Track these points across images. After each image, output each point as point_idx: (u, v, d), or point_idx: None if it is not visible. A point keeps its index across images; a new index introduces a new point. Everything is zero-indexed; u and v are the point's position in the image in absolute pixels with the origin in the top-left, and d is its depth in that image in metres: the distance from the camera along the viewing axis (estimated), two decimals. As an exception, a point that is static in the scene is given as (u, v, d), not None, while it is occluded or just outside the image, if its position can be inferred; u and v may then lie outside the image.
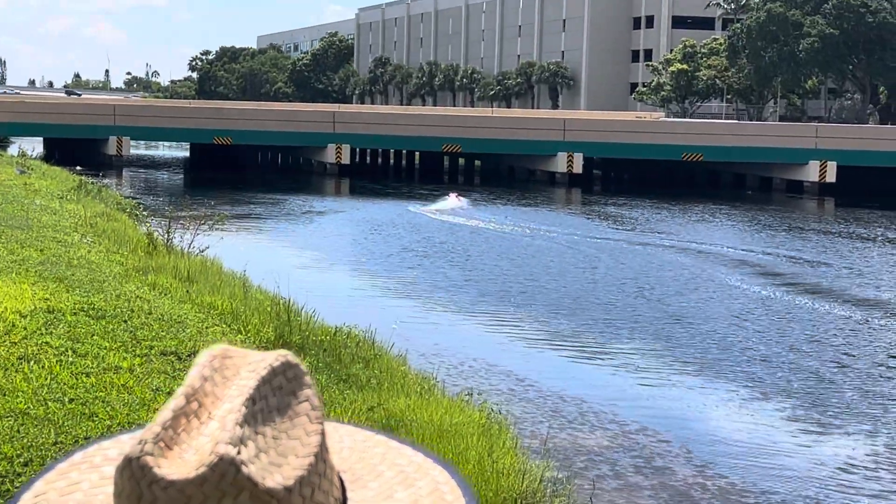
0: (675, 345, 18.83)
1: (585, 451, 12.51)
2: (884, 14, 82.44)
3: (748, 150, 61.18)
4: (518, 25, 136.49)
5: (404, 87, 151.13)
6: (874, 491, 11.62)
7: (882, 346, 19.48)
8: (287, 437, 1.06)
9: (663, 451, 12.65)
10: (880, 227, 42.60)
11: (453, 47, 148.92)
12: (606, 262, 29.85)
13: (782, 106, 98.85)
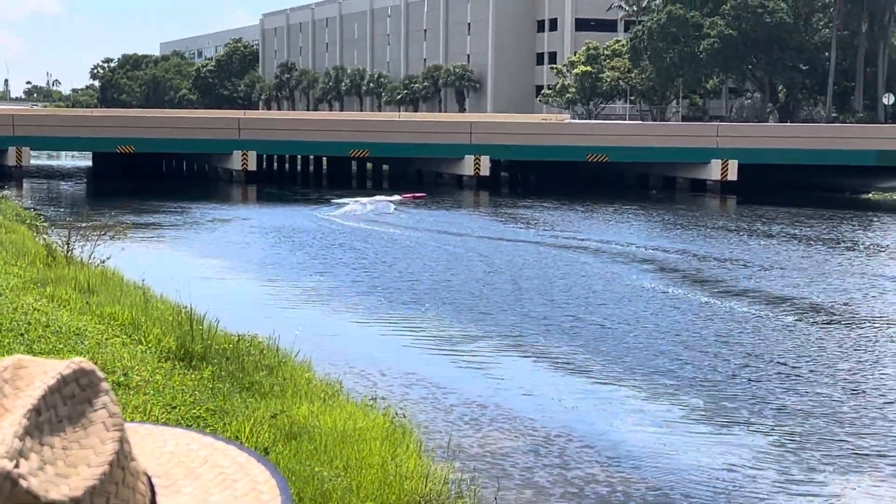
0: (581, 344, 19.01)
1: (490, 452, 12.57)
2: (781, 14, 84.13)
3: (652, 150, 62.01)
4: (423, 29, 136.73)
5: (311, 93, 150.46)
6: (776, 486, 11.84)
7: (784, 342, 19.86)
8: (79, 447, 1.03)
9: (568, 451, 12.76)
10: (781, 223, 43.46)
11: (359, 52, 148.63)
12: (514, 264, 30.03)
13: (684, 106, 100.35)
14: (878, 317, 22.37)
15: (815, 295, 24.98)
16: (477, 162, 61.99)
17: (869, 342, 19.75)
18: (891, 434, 13.81)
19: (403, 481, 9.50)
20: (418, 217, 44.61)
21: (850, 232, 40.33)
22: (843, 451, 13.00)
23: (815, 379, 16.77)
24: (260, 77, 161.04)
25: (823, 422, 14.27)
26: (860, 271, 29.45)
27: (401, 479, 9.51)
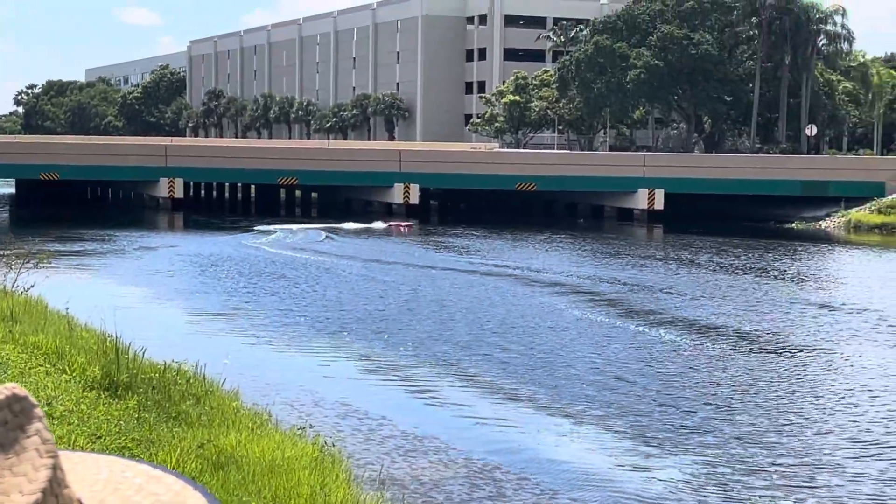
0: (511, 372, 19.01)
1: (421, 481, 12.49)
2: (706, 46, 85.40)
3: (580, 179, 62.51)
4: (353, 58, 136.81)
5: (239, 120, 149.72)
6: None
7: (711, 370, 20.03)
8: (11, 474, 1.02)
9: (500, 479, 12.72)
10: (707, 252, 43.96)
11: (288, 79, 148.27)
12: (444, 292, 30.02)
13: (612, 136, 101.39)
14: (803, 345, 22.66)
15: (741, 323, 25.25)
16: (406, 190, 62.05)
17: (794, 369, 19.99)
18: (813, 461, 13.95)
19: (333, 511, 9.40)
20: (347, 245, 44.48)
21: (774, 261, 40.89)
22: (769, 479, 13.11)
23: (742, 406, 16.92)
24: (187, 104, 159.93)
25: (750, 448, 14.38)
26: (786, 300, 29.84)
27: (330, 510, 9.41)
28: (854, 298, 30.06)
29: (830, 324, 25.45)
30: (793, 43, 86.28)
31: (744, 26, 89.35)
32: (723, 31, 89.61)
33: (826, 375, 19.54)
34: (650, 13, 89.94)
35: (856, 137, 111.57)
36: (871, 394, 17.93)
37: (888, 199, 58.69)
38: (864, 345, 22.59)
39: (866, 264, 42.14)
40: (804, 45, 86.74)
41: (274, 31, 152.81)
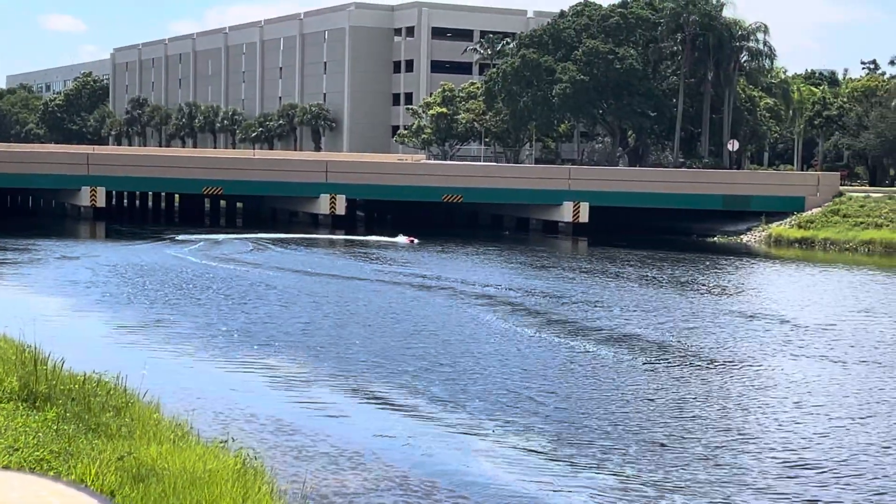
0: (436, 384, 18.99)
1: (346, 493, 12.42)
2: (630, 61, 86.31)
3: (506, 191, 62.78)
4: (279, 67, 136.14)
5: (163, 129, 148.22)
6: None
7: (633, 381, 20.18)
8: None
9: (423, 490, 12.69)
10: (631, 265, 44.36)
11: (213, 88, 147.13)
12: (369, 304, 29.93)
13: (538, 149, 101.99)
14: (725, 356, 22.93)
15: (663, 335, 25.49)
16: (333, 201, 61.84)
17: (715, 380, 20.22)
18: (731, 471, 14.11)
19: (255, 525, 9.31)
20: (273, 256, 44.20)
21: (696, 274, 41.38)
22: (690, 486, 13.24)
23: (667, 416, 17.06)
24: (110, 112, 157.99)
25: (672, 457, 14.51)
26: (708, 312, 30.19)
27: (253, 523, 9.31)
28: (774, 311, 30.50)
29: (751, 335, 25.79)
30: (716, 59, 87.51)
31: (668, 42, 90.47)
32: (647, 46, 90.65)
33: (747, 385, 19.78)
34: (576, 28, 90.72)
35: (777, 153, 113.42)
36: (791, 402, 18.19)
37: (808, 214, 59.69)
38: (785, 355, 22.92)
39: (786, 278, 42.82)
40: (727, 61, 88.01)
41: (199, 39, 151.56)
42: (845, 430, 16.51)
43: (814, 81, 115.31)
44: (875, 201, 59.54)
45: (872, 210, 58.09)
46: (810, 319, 28.83)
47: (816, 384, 20.01)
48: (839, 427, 16.69)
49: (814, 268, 46.28)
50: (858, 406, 18.18)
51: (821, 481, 13.73)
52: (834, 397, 18.89)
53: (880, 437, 16.08)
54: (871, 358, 22.88)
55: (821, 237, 56.52)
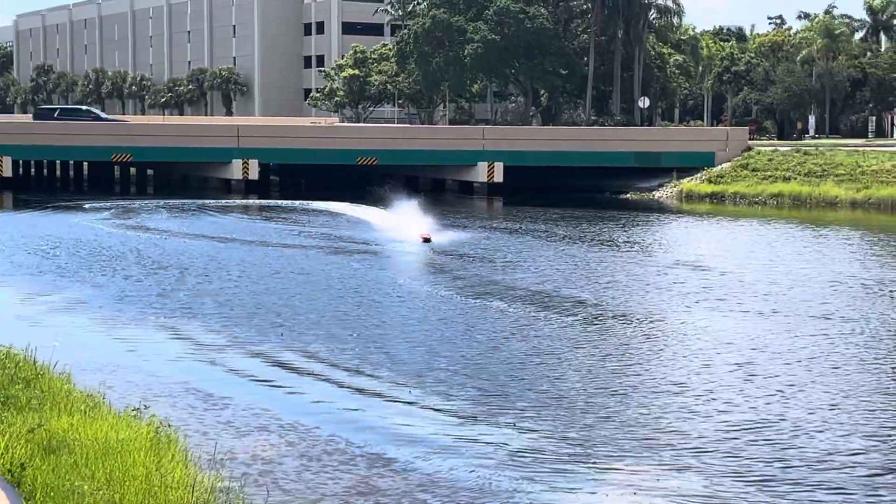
0: (351, 348, 18.99)
1: (260, 459, 12.40)
2: (541, 20, 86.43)
3: (420, 153, 62.73)
4: (187, 31, 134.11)
5: (70, 96, 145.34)
6: (534, 478, 12.11)
7: (547, 338, 20.35)
8: None
9: (339, 455, 12.71)
10: (545, 223, 44.65)
11: (120, 54, 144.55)
12: (284, 269, 29.77)
13: (451, 110, 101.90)
14: (640, 310, 23.22)
15: (579, 291, 25.72)
16: (245, 165, 61.26)
17: (630, 333, 20.48)
18: (654, 426, 14.33)
19: (169, 492, 9.27)
20: (186, 223, 43.73)
21: (611, 230, 41.79)
22: (605, 445, 13.42)
23: (582, 373, 17.25)
24: (15, 80, 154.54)
25: (585, 417, 14.69)
26: (622, 267, 30.53)
27: (166, 490, 9.27)
28: (687, 264, 30.92)
29: (666, 289, 26.14)
30: (625, 17, 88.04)
31: (578, 0, 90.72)
32: (558, 5, 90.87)
33: (662, 338, 20.07)
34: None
35: (687, 109, 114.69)
36: (708, 353, 18.50)
37: (718, 169, 60.50)
38: (699, 308, 23.28)
39: (698, 232, 43.43)
40: (636, 18, 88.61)
41: (105, 4, 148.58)
42: (761, 379, 16.84)
43: (722, 37, 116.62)
44: (783, 155, 60.55)
45: (780, 164, 59.08)
46: (723, 272, 29.28)
47: (732, 334, 20.36)
48: (753, 377, 17.02)
49: (725, 221, 46.99)
50: (774, 355, 18.54)
51: (737, 432, 14.00)
52: (750, 348, 19.24)
53: (792, 385, 16.43)
54: (786, 308, 23.33)
55: (731, 191, 57.36)
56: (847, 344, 19.53)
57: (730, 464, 12.36)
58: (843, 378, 16.90)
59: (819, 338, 20.03)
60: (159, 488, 9.24)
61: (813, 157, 59.08)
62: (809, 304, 23.93)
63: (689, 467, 12.32)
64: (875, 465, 12.35)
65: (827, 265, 31.06)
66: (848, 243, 37.83)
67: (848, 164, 56.97)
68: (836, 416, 14.60)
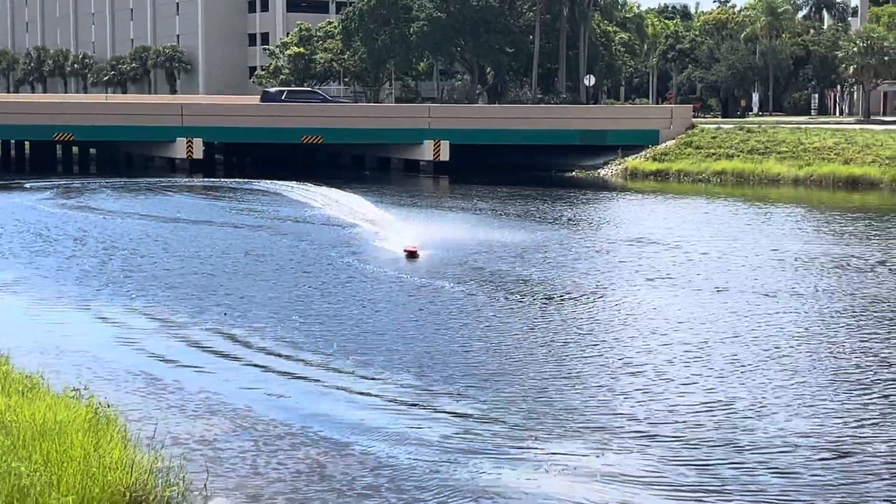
0: (293, 328, 18.94)
1: (201, 440, 12.34)
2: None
3: (366, 131, 62.52)
4: (130, 8, 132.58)
5: (10, 74, 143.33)
6: (480, 454, 12.15)
7: (493, 316, 20.41)
8: None
9: (280, 434, 12.68)
10: (492, 201, 44.71)
11: (62, 31, 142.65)
12: (230, 249, 29.60)
13: (397, 88, 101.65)
14: (585, 289, 23.34)
15: (524, 268, 25.80)
16: (190, 144, 60.77)
17: (576, 309, 20.59)
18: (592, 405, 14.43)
19: (107, 473, 9.20)
20: (129, 203, 43.32)
21: (556, 208, 41.94)
22: (548, 424, 13.49)
23: (527, 354, 17.33)
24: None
25: (530, 396, 14.76)
26: (568, 244, 30.64)
27: (104, 471, 9.20)
28: (632, 241, 31.11)
29: (612, 266, 26.30)
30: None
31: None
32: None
33: (610, 316, 20.20)
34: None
35: (632, 87, 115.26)
36: (652, 328, 18.65)
37: (662, 147, 60.85)
38: (644, 284, 23.45)
39: (642, 209, 43.69)
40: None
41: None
42: (708, 356, 16.99)
43: (667, 15, 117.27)
44: (726, 132, 61.01)
45: (724, 141, 59.54)
46: (669, 249, 29.49)
47: (678, 311, 20.52)
48: (700, 355, 17.17)
49: (669, 199, 47.31)
50: (721, 332, 18.70)
51: (684, 411, 14.13)
52: (699, 324, 19.39)
53: (740, 363, 16.60)
54: (733, 285, 23.54)
55: (675, 169, 57.73)
56: (796, 320, 19.75)
57: (675, 445, 12.45)
58: (792, 356, 17.09)
59: (768, 314, 20.23)
60: (98, 469, 9.17)
61: (756, 135, 59.60)
62: (756, 280, 24.16)
63: (635, 448, 12.41)
64: (823, 446, 12.50)
65: (771, 242, 31.38)
66: (791, 220, 38.24)
67: (790, 141, 57.55)
68: (784, 395, 14.77)
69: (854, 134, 57.31)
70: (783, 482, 11.09)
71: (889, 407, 14.06)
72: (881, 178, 50.97)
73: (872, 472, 11.46)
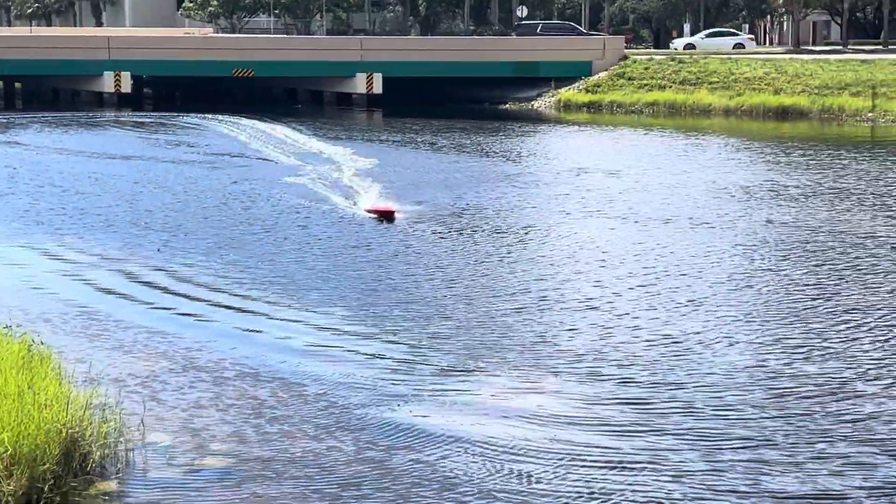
0: (231, 263, 18.78)
1: (138, 376, 12.23)
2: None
3: (298, 64, 61.84)
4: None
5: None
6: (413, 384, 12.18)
7: (424, 250, 20.39)
8: None
9: (218, 368, 12.61)
10: (426, 134, 44.54)
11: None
12: (160, 183, 29.23)
13: (329, 20, 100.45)
14: (522, 221, 23.38)
15: (456, 200, 25.76)
16: (117, 78, 59.74)
17: (511, 246, 20.63)
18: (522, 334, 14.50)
19: (43, 410, 9.08)
20: (57, 137, 42.55)
21: (492, 141, 41.89)
22: (484, 361, 13.54)
23: (459, 286, 17.35)
24: None
25: (464, 331, 14.80)
26: (504, 177, 30.63)
27: (40, 408, 9.08)
28: (569, 171, 31.18)
29: (547, 198, 26.35)
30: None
31: None
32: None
33: (546, 249, 20.26)
34: None
35: (565, 18, 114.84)
36: (593, 261, 18.74)
37: (595, 78, 60.90)
38: (582, 217, 23.54)
39: (576, 141, 43.78)
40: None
41: None
42: (644, 286, 17.11)
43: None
44: (658, 63, 61.17)
45: (656, 72, 59.72)
46: (607, 179, 29.60)
47: (618, 243, 20.62)
48: (637, 284, 17.29)
49: (604, 130, 47.42)
50: (661, 262, 18.83)
51: (619, 338, 14.23)
52: (637, 255, 19.51)
53: (679, 295, 16.74)
54: (670, 215, 23.69)
55: (608, 100, 57.86)
56: (738, 251, 19.92)
57: (613, 382, 12.52)
58: (735, 288, 17.25)
59: (710, 245, 20.35)
60: (33, 406, 9.04)
61: (687, 66, 59.83)
62: (697, 210, 24.32)
63: (572, 385, 12.48)
64: (763, 381, 12.63)
65: (708, 172, 31.59)
66: (726, 151, 38.53)
67: (721, 71, 57.87)
68: (724, 328, 14.92)
69: (784, 64, 57.75)
70: (722, 416, 11.15)
71: (828, 339, 14.25)
72: (810, 107, 51.49)
73: (812, 408, 11.61)
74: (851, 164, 33.39)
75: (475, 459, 9.92)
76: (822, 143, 40.88)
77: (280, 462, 9.81)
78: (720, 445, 10.26)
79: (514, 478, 9.55)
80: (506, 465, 9.79)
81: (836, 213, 23.83)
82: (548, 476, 9.58)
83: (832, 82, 53.50)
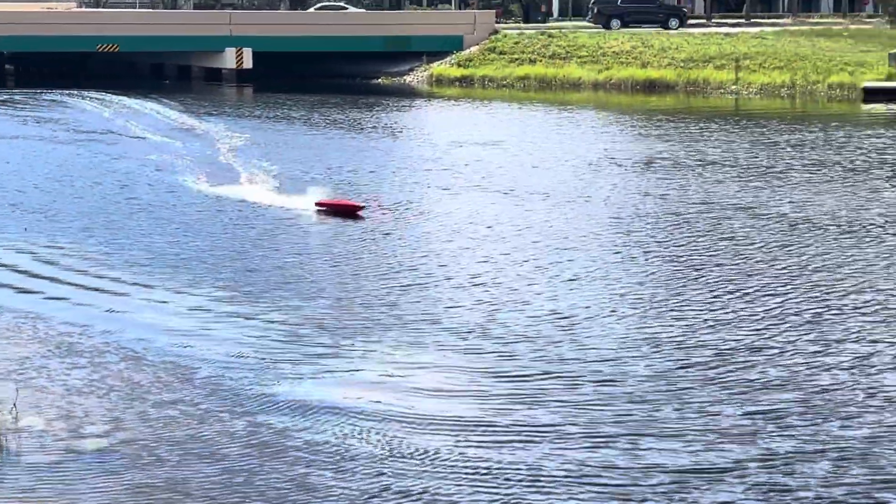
0: (98, 241, 18.36)
1: (10, 359, 11.86)
2: None
3: (165, 39, 60.62)
4: None
5: None
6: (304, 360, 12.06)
7: (294, 230, 20.24)
8: None
9: (92, 348, 12.31)
10: (299, 110, 44.14)
11: None
12: (29, 164, 28.41)
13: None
14: (401, 198, 23.32)
15: (328, 176, 25.60)
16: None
17: (391, 221, 20.58)
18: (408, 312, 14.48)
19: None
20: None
21: (365, 116, 41.71)
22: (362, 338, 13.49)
23: (339, 265, 17.26)
24: None
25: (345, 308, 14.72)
26: (378, 152, 30.53)
27: None
28: (444, 146, 31.21)
29: (426, 173, 26.34)
30: None
31: None
32: None
33: (425, 226, 20.25)
34: None
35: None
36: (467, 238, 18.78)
37: (466, 53, 61.06)
38: (460, 191, 23.58)
39: (450, 115, 43.87)
40: None
41: None
42: (525, 261, 17.22)
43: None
44: (528, 38, 61.60)
45: (526, 47, 60.13)
46: (482, 153, 29.69)
47: (498, 218, 20.69)
48: (518, 259, 17.38)
49: (476, 105, 47.57)
50: (542, 237, 18.95)
51: (501, 313, 14.28)
52: (516, 230, 19.60)
53: (556, 267, 16.88)
54: (546, 189, 23.87)
55: (479, 75, 58.08)
56: (613, 225, 20.14)
57: (493, 356, 12.54)
58: (612, 262, 17.44)
59: (587, 219, 20.55)
60: None
61: (557, 40, 60.38)
62: (578, 183, 24.54)
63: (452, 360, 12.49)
64: (646, 353, 12.78)
65: (579, 145, 31.93)
66: (598, 123, 39.01)
67: (590, 45, 58.54)
68: (605, 302, 15.07)
69: (650, 38, 58.68)
70: (605, 391, 11.25)
71: (709, 309, 14.49)
72: (677, 80, 52.45)
73: (695, 379, 11.79)
74: (718, 135, 34.11)
75: (365, 435, 9.85)
76: (689, 115, 41.67)
77: (162, 447, 9.60)
78: (601, 419, 10.34)
79: (400, 453, 9.50)
80: (395, 440, 9.74)
81: (707, 185, 24.30)
82: (432, 450, 9.56)
83: (697, 56, 54.58)
